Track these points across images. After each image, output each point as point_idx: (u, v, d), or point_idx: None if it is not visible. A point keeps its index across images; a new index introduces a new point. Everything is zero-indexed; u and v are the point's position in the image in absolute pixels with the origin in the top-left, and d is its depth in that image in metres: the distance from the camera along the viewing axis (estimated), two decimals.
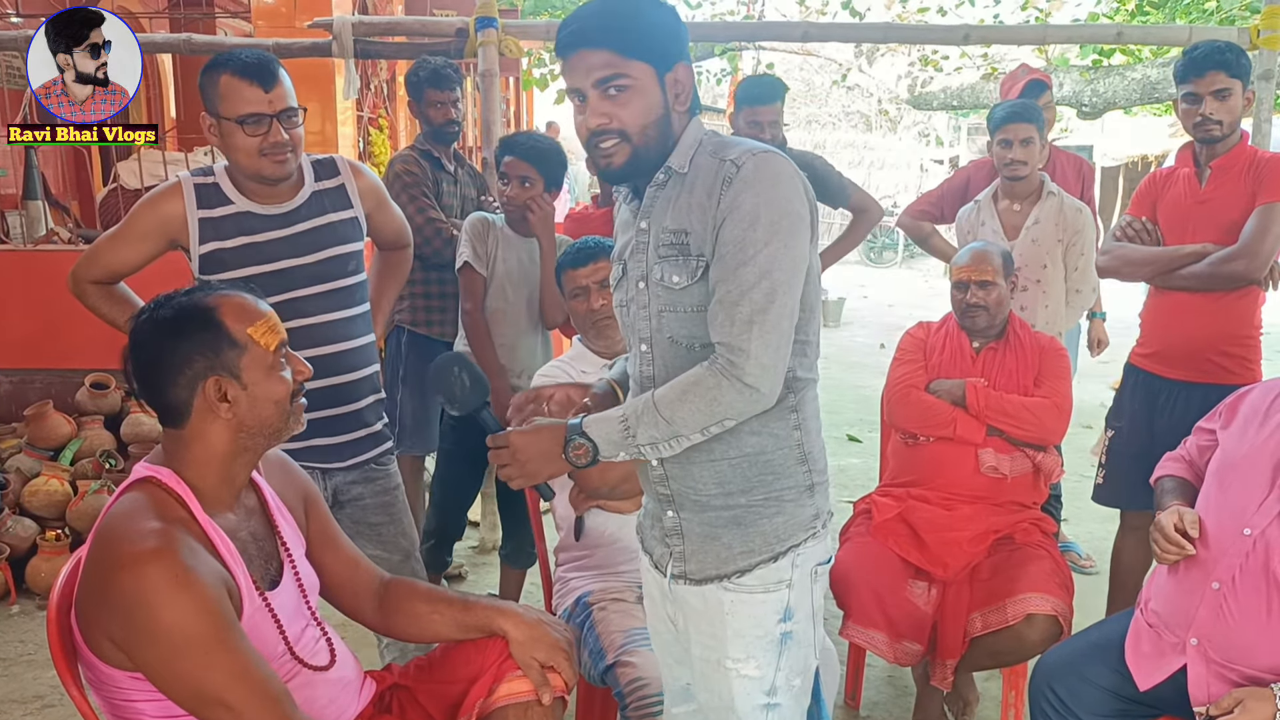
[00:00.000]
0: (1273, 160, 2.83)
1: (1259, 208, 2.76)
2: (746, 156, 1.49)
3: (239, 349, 1.57)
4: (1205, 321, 2.86)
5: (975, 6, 8.53)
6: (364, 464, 2.40)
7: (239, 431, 1.59)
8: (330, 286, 2.29)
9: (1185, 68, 2.83)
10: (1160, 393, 2.97)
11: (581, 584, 2.41)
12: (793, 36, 3.94)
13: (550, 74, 10.09)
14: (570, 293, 2.54)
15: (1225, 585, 1.95)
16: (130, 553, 1.43)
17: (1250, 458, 2.03)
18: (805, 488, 1.63)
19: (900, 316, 9.67)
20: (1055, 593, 2.55)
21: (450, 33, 3.97)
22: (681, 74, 1.56)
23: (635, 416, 1.51)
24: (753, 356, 1.45)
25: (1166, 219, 2.95)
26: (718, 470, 1.59)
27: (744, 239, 1.46)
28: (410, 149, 3.62)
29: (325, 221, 2.29)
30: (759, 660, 1.63)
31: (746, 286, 1.46)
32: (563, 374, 2.48)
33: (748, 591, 1.61)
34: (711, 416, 1.49)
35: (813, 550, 1.64)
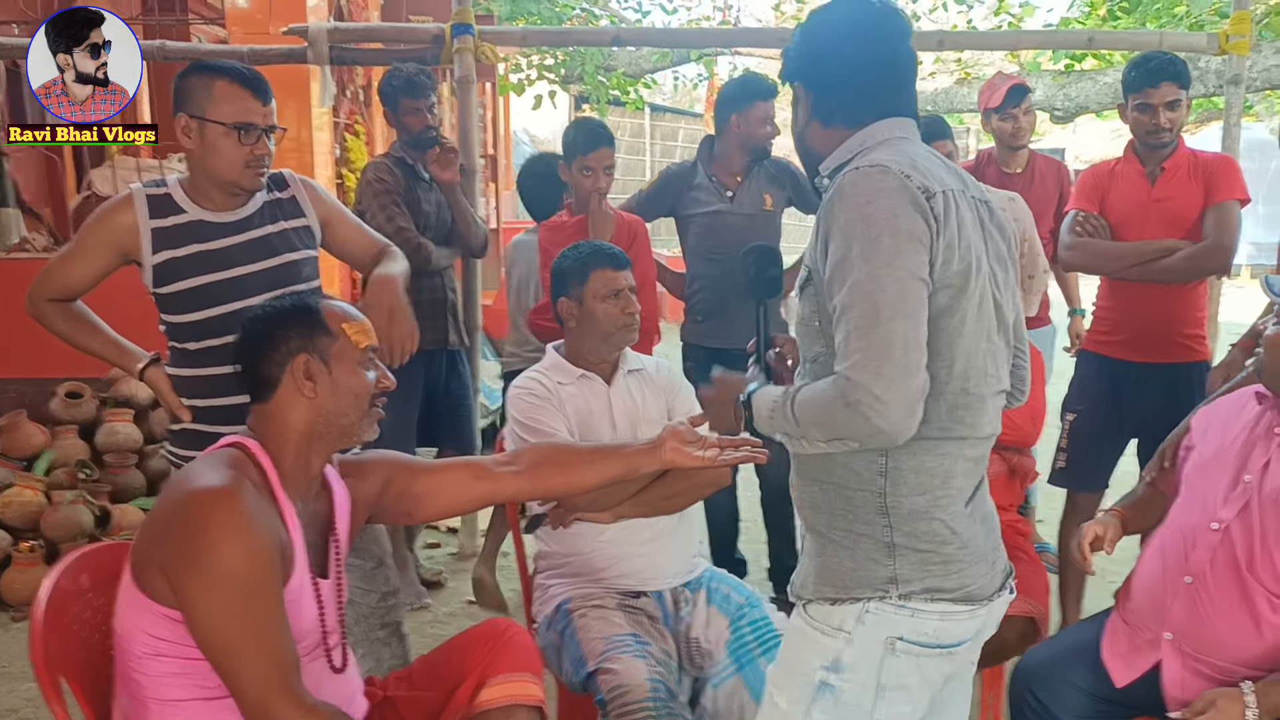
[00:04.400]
0: (1217, 161, 3.07)
1: (1215, 206, 2.96)
2: (848, 174, 1.47)
3: (331, 337, 1.70)
4: (1169, 307, 3.05)
5: (949, 12, 8.61)
6: None
7: (317, 415, 1.69)
8: (285, 293, 2.23)
9: (1140, 79, 3.00)
10: (1126, 376, 3.11)
11: (561, 590, 2.40)
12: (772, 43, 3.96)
13: (527, 79, 10.07)
14: (600, 294, 2.45)
15: (1198, 579, 2.00)
16: (202, 488, 1.53)
17: (1218, 457, 2.09)
18: (883, 544, 1.51)
19: None
20: (1032, 594, 2.57)
21: (426, 39, 3.97)
22: (801, 94, 1.64)
23: (780, 406, 1.49)
24: (861, 385, 1.36)
25: (1117, 214, 3.10)
26: (811, 491, 1.58)
27: (841, 259, 1.42)
28: (384, 157, 3.61)
29: (278, 229, 2.29)
30: (790, 695, 1.59)
31: (844, 309, 1.40)
32: (539, 385, 2.47)
33: (806, 622, 1.58)
34: (831, 433, 1.42)
35: (891, 618, 1.51)
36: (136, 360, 2.29)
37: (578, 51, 9.66)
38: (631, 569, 2.38)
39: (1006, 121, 3.64)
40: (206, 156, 2.17)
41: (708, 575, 2.48)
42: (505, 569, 4.02)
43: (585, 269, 2.47)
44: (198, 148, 2.17)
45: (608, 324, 2.45)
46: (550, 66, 10.16)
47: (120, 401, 4.33)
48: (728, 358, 3.46)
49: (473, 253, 3.77)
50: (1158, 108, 2.95)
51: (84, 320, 2.30)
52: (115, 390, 4.35)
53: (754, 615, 2.34)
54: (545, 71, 10.18)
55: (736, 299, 3.45)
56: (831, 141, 1.59)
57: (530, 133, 17.92)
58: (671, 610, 2.39)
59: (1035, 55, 7.08)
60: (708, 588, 2.43)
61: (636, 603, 2.34)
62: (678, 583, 2.43)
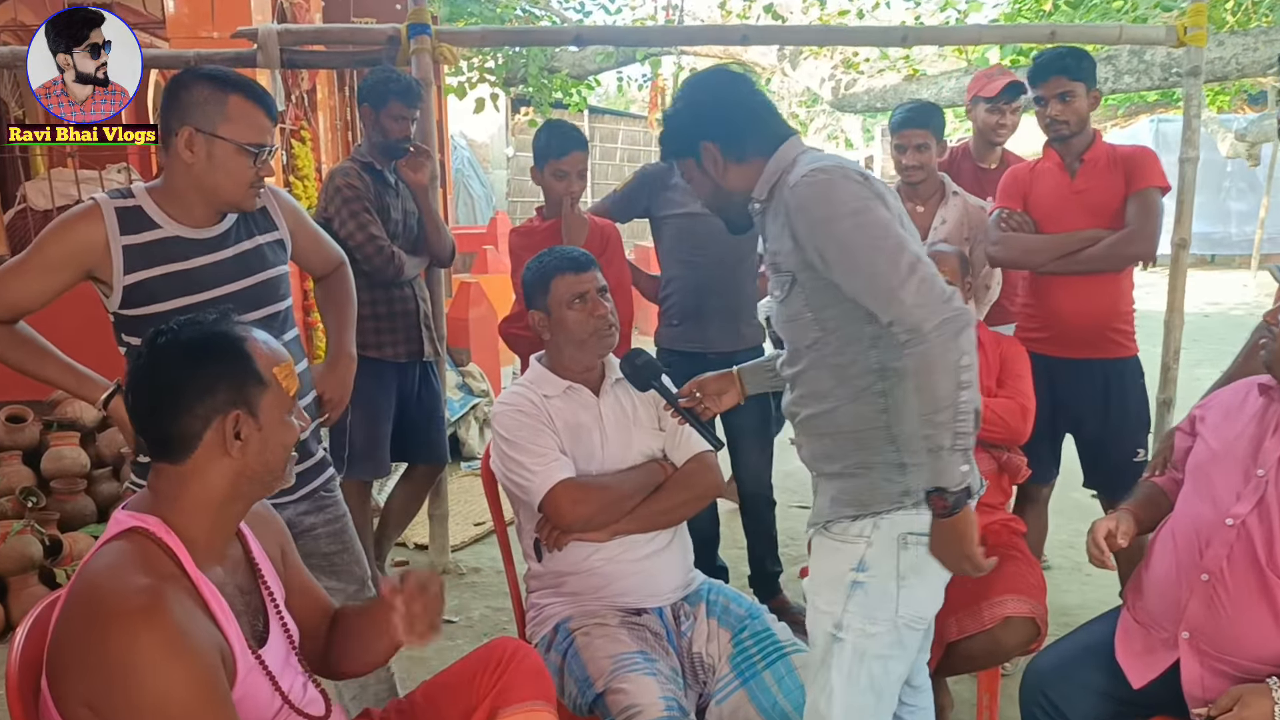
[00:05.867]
0: (1135, 153, 3.11)
1: (1136, 194, 3.00)
2: (798, 180, 1.74)
3: (263, 386, 1.48)
4: (1097, 301, 3.07)
5: (891, 9, 8.65)
6: (314, 492, 2.28)
7: (241, 474, 1.47)
8: (266, 312, 2.15)
9: (1032, 74, 3.09)
10: (1059, 372, 3.12)
11: (559, 610, 2.32)
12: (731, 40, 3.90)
13: (469, 82, 9.92)
14: (565, 301, 2.37)
15: (1214, 576, 1.97)
16: (118, 612, 1.30)
17: (1227, 451, 2.06)
18: (895, 465, 1.81)
19: None
20: (1030, 594, 2.54)
21: (381, 40, 3.83)
22: (709, 150, 1.87)
23: (932, 441, 1.67)
24: (913, 310, 1.63)
25: (1040, 209, 3.14)
26: (823, 443, 1.88)
27: (837, 244, 1.69)
28: (350, 161, 3.47)
29: (254, 244, 2.17)
30: (828, 597, 1.87)
31: (865, 273, 1.68)
32: (525, 400, 2.38)
33: (832, 538, 1.88)
34: (950, 376, 1.63)
35: (901, 519, 1.81)
36: (98, 389, 2.11)
37: (521, 53, 9.55)
38: (631, 586, 2.30)
39: (994, 114, 3.63)
40: (211, 174, 2.03)
41: (706, 588, 2.41)
42: (479, 585, 3.92)
43: (546, 278, 2.39)
44: (201, 163, 2.02)
45: (579, 330, 2.37)
46: (492, 69, 10.04)
47: (65, 424, 4.14)
48: (704, 363, 3.41)
49: (440, 260, 3.66)
50: (1049, 100, 3.01)
51: (34, 344, 2.12)
52: (60, 412, 4.16)
53: (756, 627, 2.28)
54: (486, 74, 10.05)
55: (713, 301, 3.39)
56: (751, 174, 1.87)
57: (467, 136, 17.74)
58: (673, 626, 2.31)
59: (984, 51, 7.15)
60: (707, 600, 2.36)
61: (639, 620, 2.26)
62: (677, 597, 2.36)
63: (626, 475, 2.36)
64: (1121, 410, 3.12)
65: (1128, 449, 3.12)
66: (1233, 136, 11.03)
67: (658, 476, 2.39)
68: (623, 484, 2.33)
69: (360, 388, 2.67)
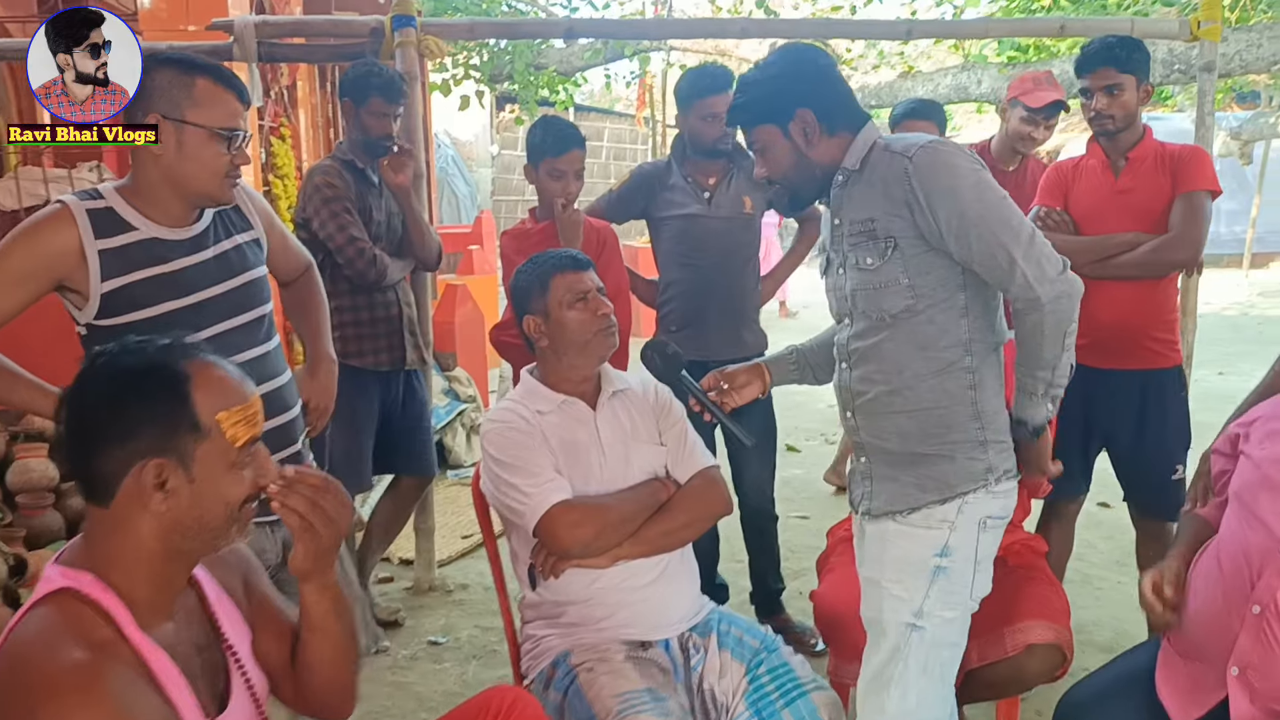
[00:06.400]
0: (1184, 152, 2.93)
1: (1182, 196, 2.83)
2: (914, 149, 1.80)
3: (199, 434, 1.27)
4: (1137, 309, 2.91)
5: (884, 4, 8.49)
6: None
7: (171, 531, 1.28)
8: (250, 316, 2.05)
9: (1079, 64, 2.93)
10: (1096, 383, 2.95)
11: (557, 643, 2.15)
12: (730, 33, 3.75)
13: (453, 79, 9.72)
14: (565, 301, 2.21)
15: (1266, 608, 1.82)
16: (50, 692, 1.13)
17: (1276, 473, 1.91)
18: (978, 443, 1.87)
19: None
20: (1055, 619, 2.40)
21: (364, 33, 3.66)
22: (804, 117, 1.87)
23: (1027, 386, 1.86)
24: (1033, 284, 1.73)
25: (1081, 209, 2.98)
26: (898, 422, 1.88)
27: (959, 210, 1.75)
28: (331, 159, 3.30)
29: (233, 245, 2.06)
30: (908, 584, 1.88)
31: (987, 244, 1.74)
32: (516, 416, 2.21)
33: (911, 525, 1.89)
34: (1057, 342, 1.79)
35: (984, 502, 1.88)
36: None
37: (506, 49, 9.37)
38: (635, 616, 2.14)
39: (1028, 125, 3.44)
40: (181, 164, 1.90)
41: (716, 617, 2.25)
42: (467, 603, 3.75)
43: (545, 277, 2.24)
44: (170, 153, 1.90)
45: (581, 331, 2.21)
46: (477, 66, 9.84)
47: (32, 435, 3.93)
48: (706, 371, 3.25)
49: (426, 265, 3.49)
50: (1095, 92, 2.86)
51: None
52: (26, 423, 3.96)
53: (773, 661, 2.12)
54: (471, 71, 9.86)
55: (715, 306, 3.24)
56: (836, 148, 1.90)
57: (451, 134, 17.56)
58: (680, 659, 2.15)
59: (981, 47, 7.02)
60: (718, 631, 2.20)
61: (645, 654, 2.10)
62: (685, 627, 2.20)
63: (627, 495, 2.20)
64: (1160, 424, 2.95)
65: (1166, 466, 2.96)
66: (1225, 135, 10.94)
67: (661, 495, 2.23)
68: (623, 505, 2.18)
69: (341, 397, 2.54)
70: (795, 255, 3.58)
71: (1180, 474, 2.99)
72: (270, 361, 2.09)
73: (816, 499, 4.89)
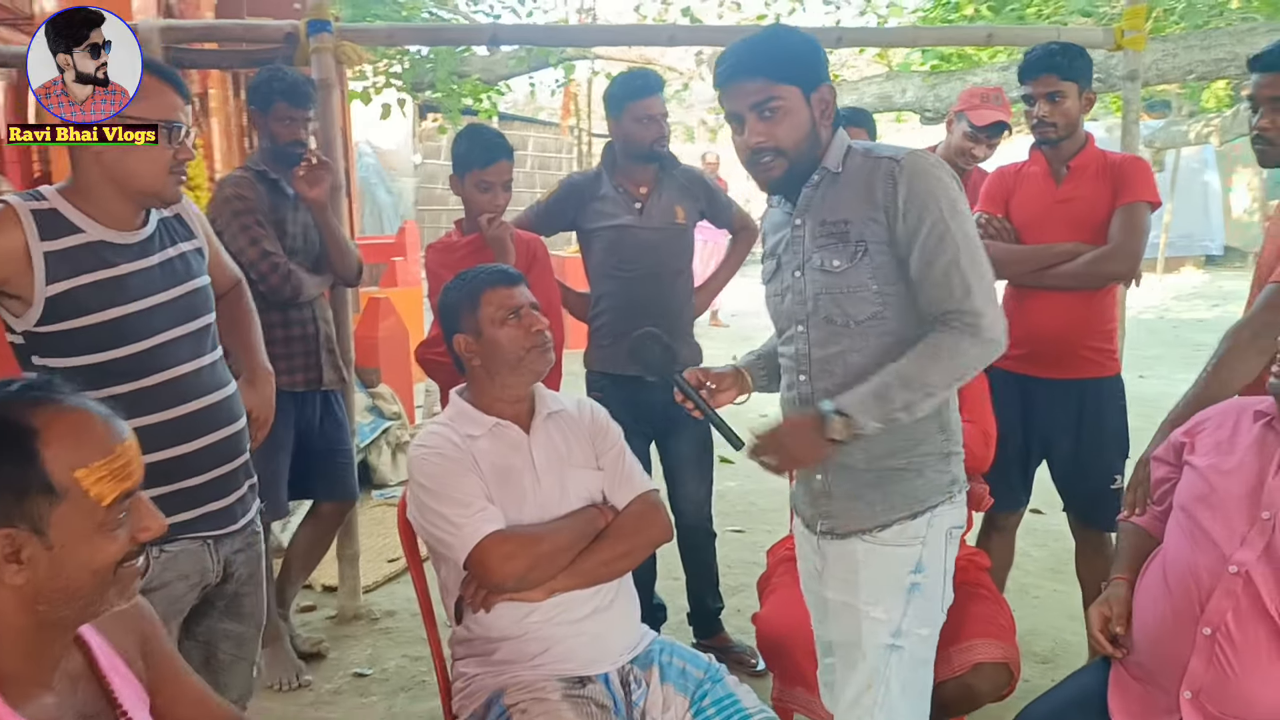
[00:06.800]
0: (1127, 162, 2.93)
1: (1123, 207, 2.83)
2: (902, 155, 1.75)
3: (54, 497, 1.10)
4: (1076, 318, 2.88)
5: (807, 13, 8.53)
6: (251, 523, 2.13)
7: (34, 602, 1.13)
8: (197, 325, 2.01)
9: (1021, 70, 2.91)
10: (1035, 393, 2.94)
11: (489, 681, 2.03)
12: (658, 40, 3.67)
13: (374, 87, 9.50)
14: (497, 318, 2.10)
15: (1218, 630, 1.78)
16: None
17: (1223, 487, 1.87)
18: (943, 455, 1.85)
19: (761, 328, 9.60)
20: (1001, 636, 2.38)
21: (278, 38, 3.49)
22: (826, 93, 1.78)
23: (887, 386, 1.71)
24: (985, 315, 1.70)
25: (1022, 216, 2.96)
26: (864, 438, 1.75)
27: (934, 222, 1.70)
28: (243, 170, 3.13)
29: (178, 252, 2.02)
30: (887, 605, 1.83)
31: (951, 260, 1.70)
32: (445, 441, 2.09)
33: (882, 544, 1.83)
34: (958, 371, 1.73)
35: (948, 513, 1.86)
36: None
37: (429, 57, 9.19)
38: (572, 651, 2.03)
39: (971, 141, 3.38)
40: (123, 160, 1.85)
41: (657, 647, 2.16)
42: (395, 632, 3.60)
43: (475, 294, 2.14)
44: (111, 149, 1.84)
45: (514, 349, 2.11)
46: (398, 74, 9.64)
47: None
48: (641, 386, 3.14)
49: (346, 280, 3.34)
50: (1037, 99, 2.83)
51: None
52: None
53: (717, 693, 2.04)
54: (393, 79, 9.65)
55: (648, 319, 3.13)
56: (828, 141, 1.81)
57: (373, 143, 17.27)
58: (621, 694, 2.04)
59: (907, 56, 7.05)
60: (659, 663, 2.10)
61: (583, 690, 1.99)
62: (625, 660, 2.09)
63: (563, 524, 2.09)
64: (1099, 434, 2.94)
65: (1105, 475, 2.94)
66: (1139, 143, 11.21)
67: (598, 523, 2.13)
68: (559, 534, 2.07)
69: None
70: (729, 267, 3.50)
71: (1119, 483, 2.98)
72: (218, 371, 2.06)
73: (751, 512, 4.83)
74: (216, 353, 2.07)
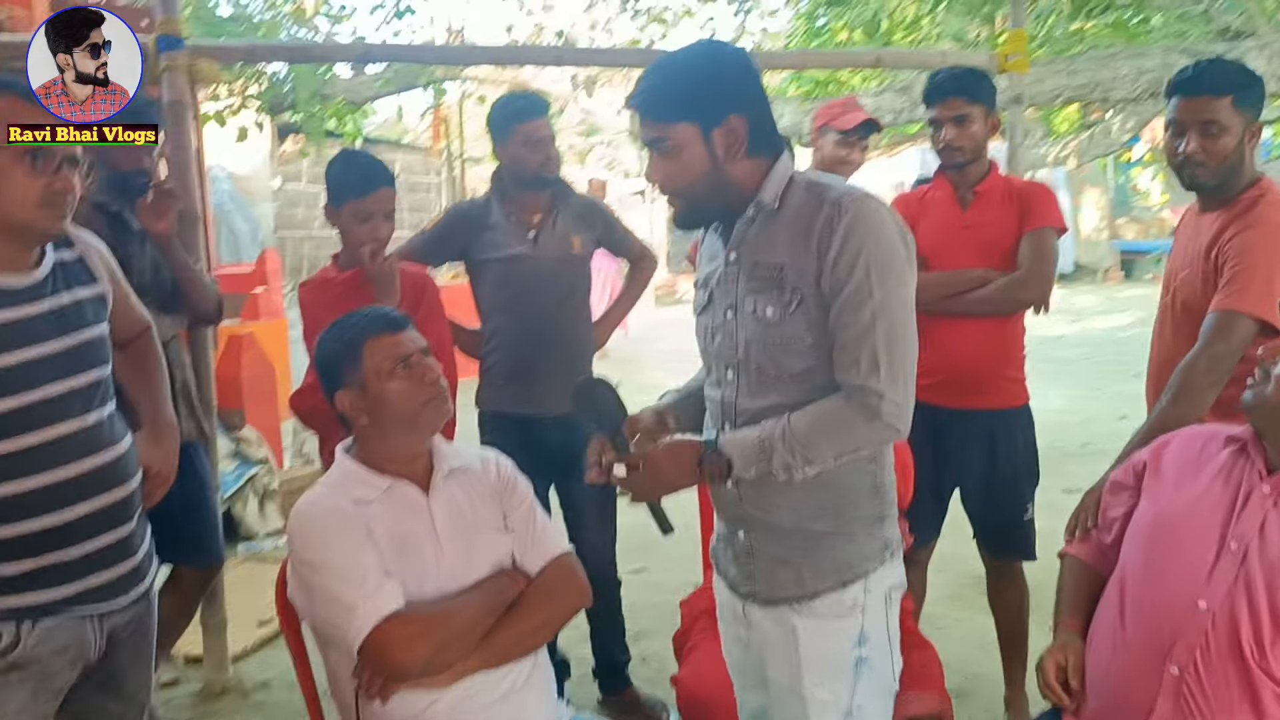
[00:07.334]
0: (1032, 189, 2.91)
1: (1031, 233, 2.80)
2: (849, 200, 1.59)
3: None
4: (987, 346, 2.84)
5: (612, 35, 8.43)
6: (145, 595, 1.97)
7: None
8: (87, 379, 1.84)
9: (927, 94, 2.86)
10: (947, 424, 2.87)
11: None
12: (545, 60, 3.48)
13: (230, 109, 9.02)
14: (384, 370, 1.87)
15: (1186, 670, 1.70)
16: None
17: (1188, 517, 1.80)
18: (876, 519, 1.71)
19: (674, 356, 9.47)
20: (933, 686, 2.31)
21: None
22: (734, 126, 1.60)
23: (771, 440, 1.59)
24: (887, 398, 1.57)
25: (929, 242, 2.85)
26: (792, 495, 1.66)
27: (860, 284, 1.56)
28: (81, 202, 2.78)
29: (73, 298, 1.86)
30: (834, 686, 1.70)
31: (865, 329, 1.56)
32: (332, 507, 1.85)
33: (819, 617, 1.69)
34: (846, 447, 1.61)
35: (885, 575, 1.72)
36: None
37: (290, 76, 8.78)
38: None
39: (843, 149, 3.34)
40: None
41: None
42: (269, 706, 3.27)
43: (356, 345, 1.90)
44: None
45: (408, 403, 1.88)
46: (256, 95, 9.18)
47: None
48: (538, 428, 2.92)
49: (204, 319, 3.03)
50: (944, 123, 2.80)
51: None
52: None
53: None
54: (250, 100, 9.19)
55: (545, 355, 2.94)
56: (753, 171, 1.64)
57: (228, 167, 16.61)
58: None
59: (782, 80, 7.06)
60: None
61: None
62: None
63: (471, 597, 1.87)
64: (1010, 463, 2.89)
65: (1018, 505, 2.90)
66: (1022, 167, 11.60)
67: (510, 593, 1.92)
68: (467, 610, 1.85)
69: None
70: (628, 298, 3.33)
71: (1030, 513, 2.93)
72: (105, 430, 1.88)
73: (648, 548, 4.57)
74: (106, 408, 1.90)
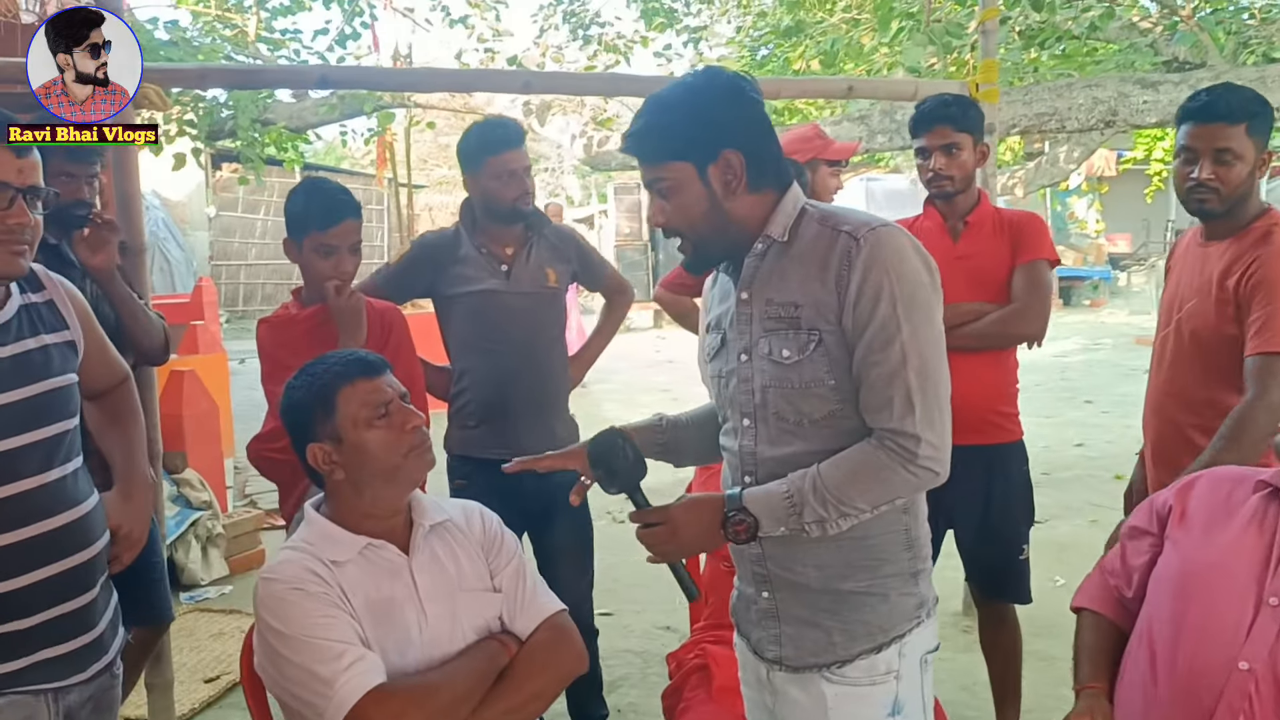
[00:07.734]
0: (1023, 219, 2.85)
1: (1024, 266, 2.74)
2: (866, 230, 1.52)
3: None
4: (981, 381, 2.75)
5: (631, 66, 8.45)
6: (107, 668, 1.85)
7: None
8: (51, 432, 1.74)
9: (914, 123, 2.82)
10: None
11: None
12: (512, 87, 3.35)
13: (166, 135, 8.73)
14: (362, 419, 1.71)
15: None
16: None
17: (1219, 569, 1.70)
18: (910, 575, 1.63)
19: None
20: None
21: None
22: (730, 162, 1.54)
23: (800, 494, 1.52)
24: (924, 440, 1.49)
25: None
26: (819, 553, 1.59)
27: (885, 320, 1.49)
28: None
29: (39, 343, 1.77)
30: None
31: (896, 368, 1.49)
32: (304, 571, 1.67)
33: (852, 684, 1.61)
34: (884, 497, 1.52)
35: (920, 638, 1.64)
36: None
37: (228, 102, 8.53)
38: None
39: (835, 178, 3.30)
40: None
41: None
42: None
43: (329, 393, 1.72)
44: None
45: (389, 455, 1.71)
46: (193, 121, 8.91)
47: None
48: None
49: (150, 359, 2.82)
50: (933, 152, 2.75)
51: None
52: None
53: None
54: (187, 127, 8.91)
55: (519, 395, 2.79)
56: (758, 207, 1.59)
57: (160, 195, 16.24)
58: None
59: None
60: None
61: None
62: None
63: (458, 665, 1.71)
64: (1005, 502, 2.80)
65: (1014, 546, 2.81)
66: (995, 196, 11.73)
67: (500, 660, 1.75)
68: (455, 681, 1.68)
69: None
70: (604, 334, 3.19)
71: (1026, 553, 2.84)
72: (69, 487, 1.77)
73: (617, 590, 4.48)
74: (72, 464, 1.79)
